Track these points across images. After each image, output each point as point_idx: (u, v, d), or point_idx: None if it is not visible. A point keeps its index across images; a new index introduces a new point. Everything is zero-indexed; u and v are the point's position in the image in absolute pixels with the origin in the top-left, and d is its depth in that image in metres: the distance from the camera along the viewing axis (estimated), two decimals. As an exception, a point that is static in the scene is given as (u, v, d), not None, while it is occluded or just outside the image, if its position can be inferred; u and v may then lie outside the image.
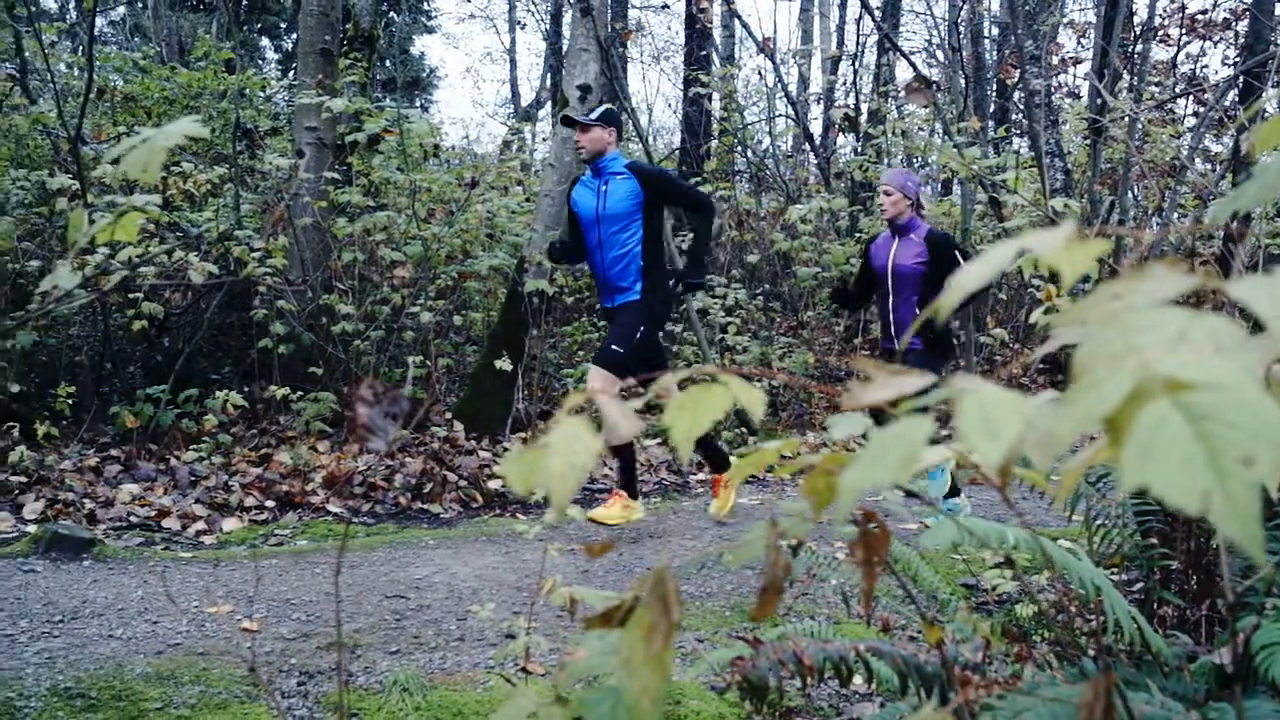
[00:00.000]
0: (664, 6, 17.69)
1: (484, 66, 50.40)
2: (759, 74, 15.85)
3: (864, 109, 12.08)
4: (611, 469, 5.89)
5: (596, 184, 5.04)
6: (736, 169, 12.49)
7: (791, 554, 1.06)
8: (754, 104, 14.30)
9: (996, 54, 13.03)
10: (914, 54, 15.71)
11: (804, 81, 15.01)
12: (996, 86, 12.54)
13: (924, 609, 1.80)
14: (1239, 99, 9.66)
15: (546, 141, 9.96)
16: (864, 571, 0.97)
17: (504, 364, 6.62)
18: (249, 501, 5.39)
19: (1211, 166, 11.60)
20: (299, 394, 6.48)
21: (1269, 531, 2.13)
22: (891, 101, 12.11)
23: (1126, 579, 2.51)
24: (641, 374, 4.94)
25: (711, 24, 12.95)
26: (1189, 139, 10.66)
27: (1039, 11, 10.34)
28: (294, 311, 6.83)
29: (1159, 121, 10.89)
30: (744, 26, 13.22)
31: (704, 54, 12.69)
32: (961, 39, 10.58)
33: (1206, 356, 0.55)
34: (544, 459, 0.75)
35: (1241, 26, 12.27)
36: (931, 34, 15.86)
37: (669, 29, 23.96)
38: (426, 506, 5.65)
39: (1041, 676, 1.73)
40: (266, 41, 20.89)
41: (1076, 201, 5.77)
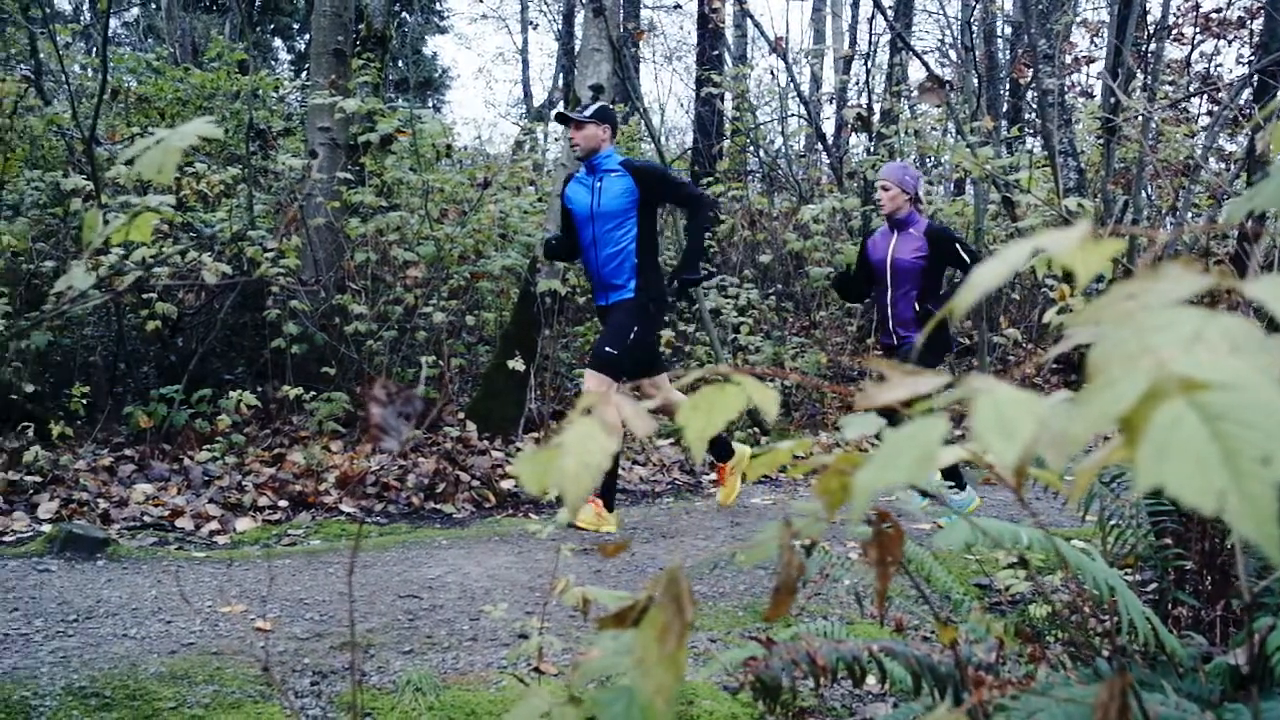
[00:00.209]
0: (676, 6, 17.71)
1: (496, 67, 50.59)
2: (771, 74, 15.83)
3: (876, 108, 12.06)
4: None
5: (591, 181, 5.00)
6: (749, 169, 12.49)
7: (805, 554, 1.06)
8: (766, 104, 14.28)
9: (1009, 53, 12.99)
10: (927, 53, 15.66)
11: (816, 81, 15.00)
12: (1010, 86, 12.49)
13: (937, 609, 1.80)
14: (1254, 98, 9.60)
15: (558, 142, 9.96)
16: (878, 572, 0.97)
17: (516, 364, 6.63)
18: (262, 501, 5.41)
19: (1226, 166, 11.54)
20: (312, 394, 6.50)
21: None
22: (904, 101, 12.09)
23: (1141, 579, 2.50)
24: (638, 376, 4.93)
25: (724, 24, 12.96)
26: (1203, 138, 10.61)
27: (1052, 10, 10.29)
28: (307, 311, 6.86)
29: (1173, 121, 10.85)
30: (756, 26, 13.20)
31: (716, 54, 12.67)
32: (974, 38, 10.55)
33: (1222, 356, 0.55)
34: (557, 459, 0.75)
35: (1256, 25, 12.20)
36: (944, 33, 15.81)
37: (681, 29, 24.01)
38: (439, 506, 5.66)
39: (1056, 677, 1.73)
40: (279, 42, 20.99)
41: (1090, 201, 5.75)
